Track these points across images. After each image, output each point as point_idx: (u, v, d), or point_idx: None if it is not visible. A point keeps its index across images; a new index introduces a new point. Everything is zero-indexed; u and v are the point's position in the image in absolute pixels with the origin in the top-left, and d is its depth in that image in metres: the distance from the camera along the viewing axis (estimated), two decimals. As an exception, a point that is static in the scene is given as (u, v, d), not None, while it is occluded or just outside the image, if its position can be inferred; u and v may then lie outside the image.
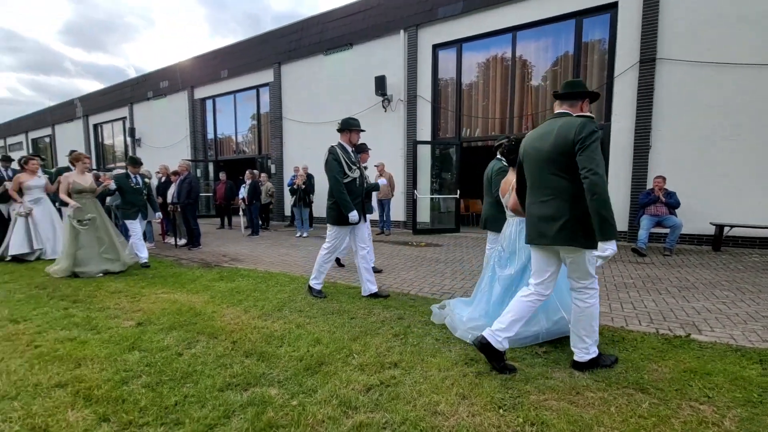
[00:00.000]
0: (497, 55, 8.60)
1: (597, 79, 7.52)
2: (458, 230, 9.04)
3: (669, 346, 2.64)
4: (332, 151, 3.68)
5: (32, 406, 1.94)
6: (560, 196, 2.17)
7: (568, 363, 2.40)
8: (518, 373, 2.27)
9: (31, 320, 3.22)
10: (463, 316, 2.92)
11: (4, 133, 24.89)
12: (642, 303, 3.64)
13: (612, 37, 7.22)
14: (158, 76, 15.17)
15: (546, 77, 8.18)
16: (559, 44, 7.94)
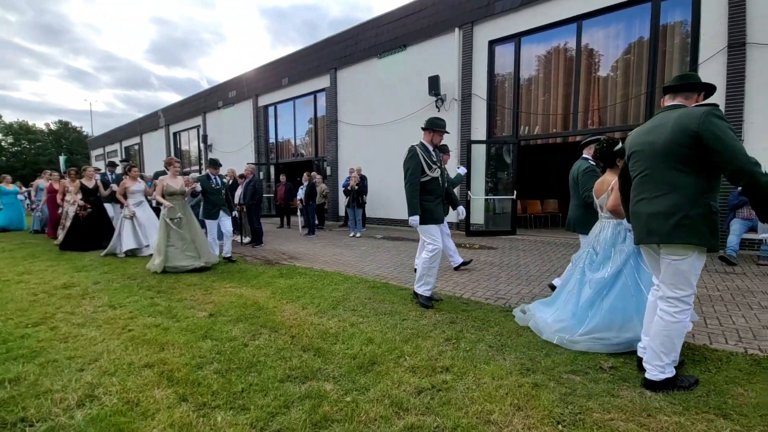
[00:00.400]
0: (559, 46, 8.10)
1: (678, 66, 6.76)
2: (514, 232, 8.67)
3: (758, 368, 2.32)
4: (412, 150, 3.60)
5: (127, 383, 2.23)
6: (678, 191, 1.99)
7: (639, 381, 2.20)
8: (580, 387, 2.14)
9: (125, 307, 3.69)
10: (546, 318, 2.90)
11: (103, 143, 28.75)
12: (729, 318, 3.22)
13: (695, 19, 6.45)
14: (227, 86, 16.50)
15: (617, 66, 7.54)
16: (632, 30, 7.27)
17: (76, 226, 6.98)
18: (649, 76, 7.04)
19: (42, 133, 53.92)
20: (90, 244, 6.91)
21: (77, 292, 4.22)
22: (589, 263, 2.90)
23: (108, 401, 2.05)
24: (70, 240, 7.00)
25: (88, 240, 6.95)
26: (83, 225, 6.98)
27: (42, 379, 2.30)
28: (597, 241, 2.91)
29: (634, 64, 7.31)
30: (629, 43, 7.35)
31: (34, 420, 1.90)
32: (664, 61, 6.91)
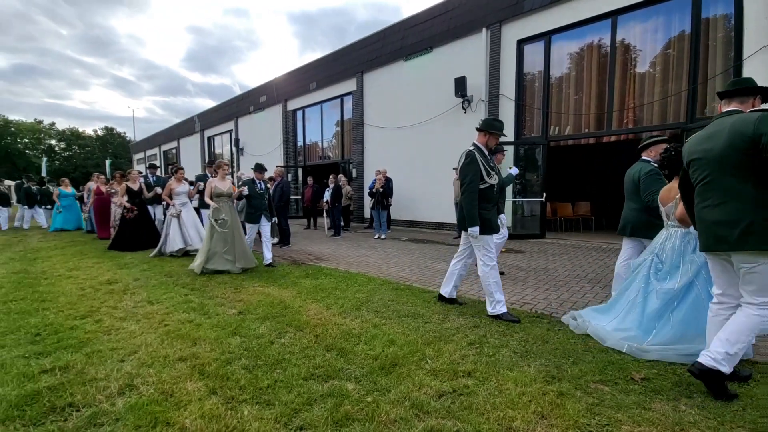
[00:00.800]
0: (593, 43, 7.81)
1: (721, 61, 6.36)
2: (543, 236, 8.42)
3: (812, 387, 2.14)
4: (470, 155, 3.33)
5: (162, 374, 2.37)
6: (739, 198, 1.98)
7: (672, 394, 2.10)
8: (609, 398, 2.06)
9: (161, 302, 3.91)
10: (604, 326, 2.87)
11: (144, 147, 30.49)
12: (781, 332, 2.99)
13: (738, 11, 6.04)
14: (258, 92, 17.07)
15: (655, 63, 7.18)
16: (672, 24, 6.91)
17: (124, 228, 7.32)
18: (691, 72, 6.66)
19: (90, 138, 57.88)
20: (136, 245, 7.20)
21: (119, 288, 4.51)
22: (654, 272, 2.82)
23: (145, 391, 2.19)
24: (117, 241, 7.33)
25: (134, 240, 7.26)
26: (130, 226, 7.28)
27: (88, 367, 2.48)
28: (662, 250, 2.83)
29: (674, 60, 6.93)
30: (668, 38, 6.99)
31: (80, 405, 2.06)
32: (707, 56, 6.51)
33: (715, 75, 6.43)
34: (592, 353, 2.62)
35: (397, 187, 10.25)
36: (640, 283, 2.88)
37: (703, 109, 6.60)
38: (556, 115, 8.36)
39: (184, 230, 6.71)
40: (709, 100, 6.55)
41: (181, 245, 6.63)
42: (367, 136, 12.17)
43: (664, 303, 2.68)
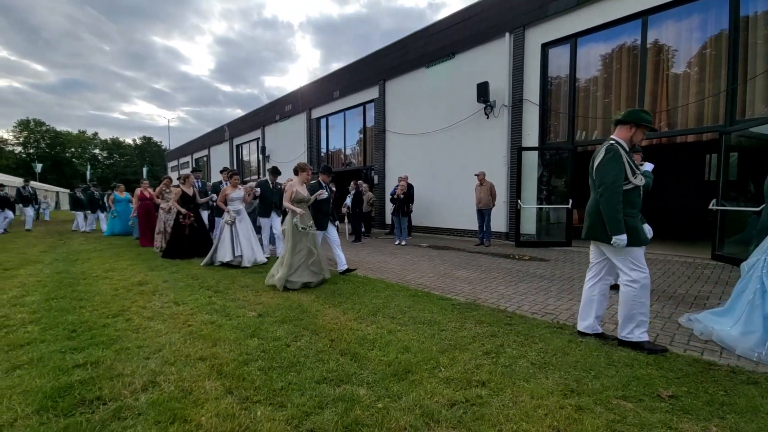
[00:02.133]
0: (622, 45, 7.55)
1: (763, 60, 5.98)
2: (569, 244, 8.13)
3: None
4: (612, 149, 2.75)
5: (183, 372, 2.46)
6: None
7: (702, 413, 1.96)
8: (631, 415, 1.96)
9: (186, 304, 4.06)
10: (729, 330, 2.84)
11: (177, 155, 31.98)
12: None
13: (786, 5, 5.67)
14: (283, 101, 17.58)
15: (690, 63, 6.84)
16: (707, 23, 6.58)
17: (179, 234, 7.02)
18: (729, 72, 6.30)
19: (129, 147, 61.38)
20: (191, 252, 6.94)
21: (149, 289, 4.73)
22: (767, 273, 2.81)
23: (167, 388, 2.28)
24: (172, 248, 7.03)
25: (190, 248, 6.98)
26: (185, 233, 6.98)
27: (116, 363, 2.61)
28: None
29: (711, 60, 6.58)
30: (704, 37, 6.66)
31: (107, 399, 2.17)
32: (746, 55, 6.14)
33: (756, 75, 6.05)
34: (616, 367, 2.50)
35: (419, 194, 10.22)
36: (755, 284, 2.83)
37: (743, 110, 6.22)
38: (583, 120, 8.11)
39: (235, 240, 6.22)
40: (749, 102, 6.17)
41: (230, 257, 6.13)
42: (388, 142, 12.24)
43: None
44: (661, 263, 6.12)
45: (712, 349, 2.80)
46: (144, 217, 9.01)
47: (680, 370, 2.45)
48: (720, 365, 2.53)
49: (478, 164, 9.03)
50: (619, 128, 2.88)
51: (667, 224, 10.72)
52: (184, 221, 6.98)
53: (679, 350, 2.78)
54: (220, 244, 6.21)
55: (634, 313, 2.77)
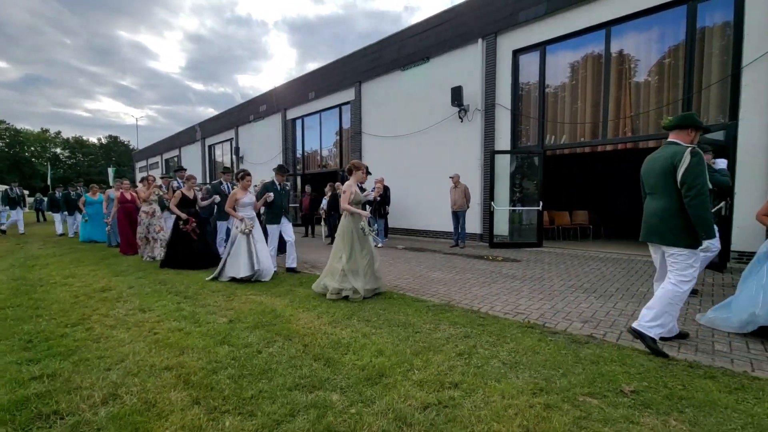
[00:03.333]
0: (587, 54, 7.88)
1: (719, 70, 6.39)
2: (541, 245, 8.39)
3: (813, 404, 2.10)
4: (697, 153, 2.69)
5: (147, 384, 2.35)
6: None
7: (662, 408, 2.06)
8: (596, 411, 2.03)
9: (153, 311, 3.89)
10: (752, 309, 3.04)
11: (146, 155, 30.70)
12: None
13: (738, 20, 6.10)
14: (258, 101, 17.24)
15: (650, 72, 7.23)
16: (666, 34, 6.97)
17: (184, 242, 6.23)
18: (686, 81, 6.70)
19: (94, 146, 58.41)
20: (194, 262, 6.16)
21: (113, 296, 4.50)
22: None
23: (128, 400, 2.17)
24: (171, 257, 6.26)
25: (193, 257, 6.20)
26: (186, 240, 6.22)
27: (74, 376, 2.47)
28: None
29: (670, 69, 6.98)
30: (663, 48, 7.05)
31: (64, 413, 2.06)
32: (702, 65, 6.55)
33: (710, 84, 6.47)
34: (583, 364, 2.59)
35: (395, 196, 10.26)
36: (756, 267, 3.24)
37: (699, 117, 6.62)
38: (552, 125, 8.40)
39: (254, 252, 5.27)
40: (704, 110, 6.58)
41: (247, 271, 5.16)
42: (365, 144, 12.24)
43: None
44: (624, 262, 6.42)
45: (670, 345, 2.95)
46: (126, 222, 8.15)
47: (642, 365, 2.57)
48: (679, 360, 2.67)
49: (453, 167, 9.17)
50: (677, 133, 2.90)
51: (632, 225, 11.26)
52: (186, 227, 6.17)
53: (640, 346, 2.91)
54: (233, 257, 5.25)
55: (666, 312, 2.82)
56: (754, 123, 5.89)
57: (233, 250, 5.30)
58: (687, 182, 2.71)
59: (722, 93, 6.38)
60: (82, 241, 10.37)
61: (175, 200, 6.29)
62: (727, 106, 6.29)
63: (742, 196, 5.87)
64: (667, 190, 2.85)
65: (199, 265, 6.13)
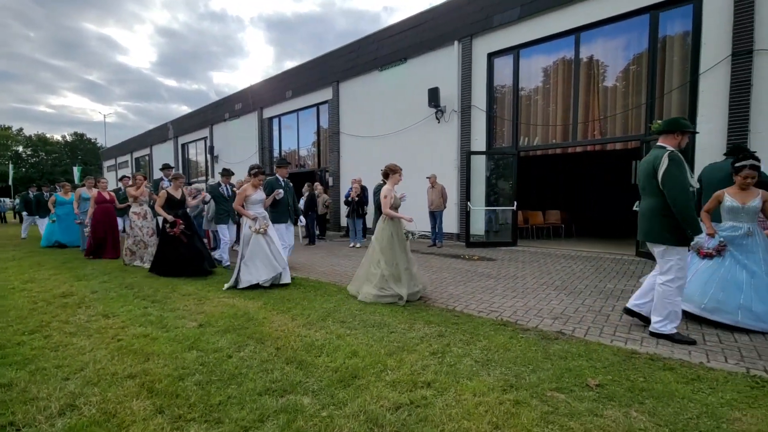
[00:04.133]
0: (558, 58, 8.13)
1: (679, 76, 6.73)
2: (515, 244, 8.59)
3: (760, 392, 2.22)
4: (676, 156, 2.88)
5: (108, 393, 2.24)
6: None
7: (624, 400, 2.14)
8: (563, 406, 2.09)
9: (117, 316, 3.72)
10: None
11: (115, 154, 29.42)
12: (731, 335, 3.13)
13: (696, 29, 6.43)
14: (233, 99, 16.84)
15: (616, 77, 7.53)
16: (631, 41, 7.28)
17: (173, 246, 5.62)
18: (649, 87, 7.01)
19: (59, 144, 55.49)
20: (184, 268, 5.58)
21: (74, 301, 4.28)
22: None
23: (87, 411, 2.06)
24: (160, 262, 5.72)
25: (182, 262, 5.59)
26: (178, 244, 5.63)
27: (30, 386, 2.34)
28: None
29: (634, 75, 7.29)
30: (628, 54, 7.36)
31: (20, 425, 1.95)
32: (664, 72, 6.88)
33: (671, 90, 6.80)
34: (552, 360, 2.66)
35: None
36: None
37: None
38: (526, 126, 8.61)
39: (274, 253, 4.88)
40: (665, 114, 6.91)
41: (269, 274, 4.80)
42: (343, 144, 12.17)
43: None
44: (594, 260, 6.66)
45: (633, 339, 3.08)
46: (104, 223, 7.41)
47: (606, 359, 2.67)
48: (640, 353, 2.78)
49: (430, 167, 9.25)
50: (664, 137, 3.07)
51: (598, 224, 11.71)
52: (173, 231, 5.58)
53: (606, 341, 3.02)
54: (249, 260, 4.78)
55: (669, 311, 2.99)
56: (711, 127, 6.23)
57: (248, 252, 4.79)
58: (666, 184, 2.92)
59: (682, 98, 6.72)
60: (44, 246, 9.21)
61: (160, 201, 5.70)
62: (686, 110, 6.63)
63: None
64: (653, 191, 3.05)
65: (191, 271, 5.57)
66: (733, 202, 3.44)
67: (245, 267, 4.78)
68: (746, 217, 3.41)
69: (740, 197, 3.43)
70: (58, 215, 9.16)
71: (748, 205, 3.38)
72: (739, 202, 3.42)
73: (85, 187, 8.28)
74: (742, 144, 5.92)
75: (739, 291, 3.21)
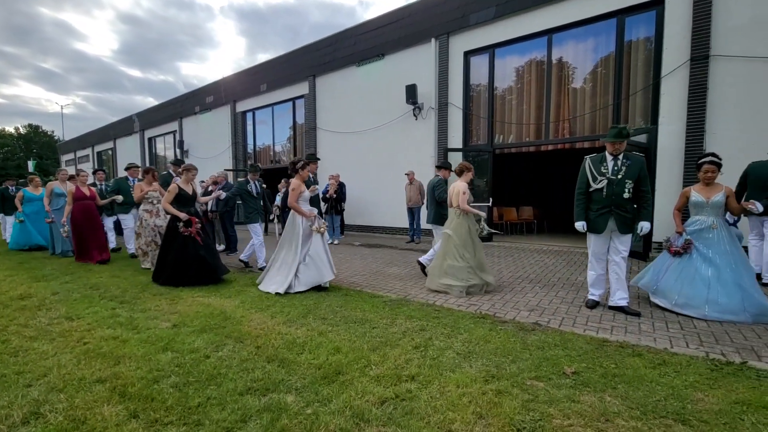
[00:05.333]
0: (532, 59, 8.35)
1: (643, 79, 7.07)
2: (490, 239, 8.77)
3: (719, 374, 2.39)
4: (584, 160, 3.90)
5: (75, 399, 2.12)
6: None
7: (598, 386, 2.24)
8: (542, 393, 2.16)
9: (82, 318, 3.52)
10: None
11: (74, 147, 27.68)
12: (691, 323, 3.34)
13: (658, 34, 6.78)
14: (204, 91, 16.22)
15: (585, 79, 7.82)
16: (600, 45, 7.58)
17: (182, 251, 4.81)
18: (615, 89, 7.34)
19: (11, 137, 51.60)
20: (202, 274, 4.85)
21: (33, 304, 4.01)
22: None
23: (53, 419, 1.94)
24: (171, 269, 4.82)
25: (200, 268, 4.84)
26: (195, 246, 4.86)
27: (-14, 396, 2.16)
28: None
29: (602, 77, 7.60)
30: (596, 56, 7.65)
31: (-27, 440, 1.79)
32: (629, 74, 7.22)
33: (636, 92, 7.15)
34: (530, 350, 2.75)
35: (351, 192, 10.18)
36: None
37: (626, 122, 7.29)
38: (500, 124, 8.80)
39: (329, 253, 4.67)
40: (630, 115, 7.26)
41: (333, 273, 4.59)
42: (320, 140, 12.01)
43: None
44: (565, 254, 6.92)
45: (604, 328, 3.23)
46: (84, 223, 6.52)
47: (580, 348, 2.78)
48: (611, 341, 2.92)
49: (408, 163, 9.29)
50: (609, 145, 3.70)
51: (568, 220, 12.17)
52: (189, 230, 4.82)
53: (579, 331, 3.15)
54: (311, 262, 4.45)
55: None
56: (671, 128, 6.60)
57: (311, 252, 4.48)
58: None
59: (645, 100, 7.08)
60: (13, 249, 7.97)
61: (169, 196, 4.92)
62: (649, 112, 6.99)
63: (661, 192, 6.56)
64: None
65: (206, 278, 4.86)
66: (698, 198, 3.66)
67: (306, 267, 4.45)
68: (711, 212, 3.63)
69: (705, 192, 3.65)
70: (26, 214, 7.92)
71: (712, 200, 3.60)
72: (704, 197, 3.64)
73: (58, 181, 7.31)
74: (698, 144, 6.32)
75: (706, 286, 3.42)
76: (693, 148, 6.37)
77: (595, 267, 3.82)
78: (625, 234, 3.59)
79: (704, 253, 3.57)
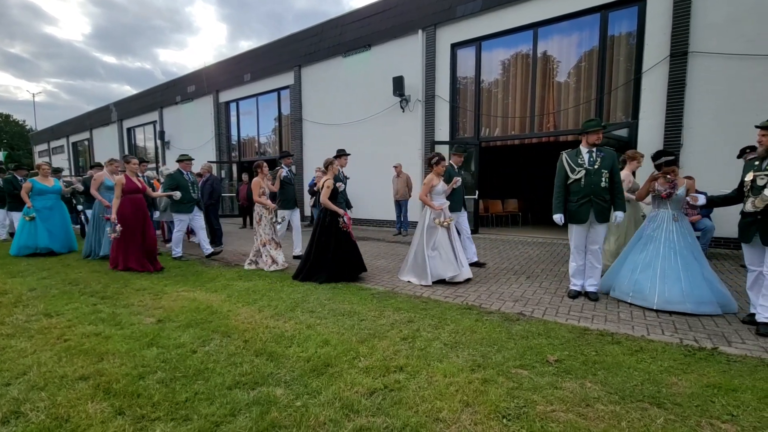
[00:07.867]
0: (517, 52, 8.41)
1: (624, 74, 7.22)
2: (476, 231, 8.90)
3: (692, 359, 2.51)
4: (561, 155, 4.00)
5: (57, 397, 2.07)
6: None
7: (579, 373, 2.32)
8: (526, 381, 2.22)
9: (62, 315, 3.42)
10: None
11: (48, 137, 26.58)
12: (666, 311, 3.47)
13: (640, 30, 6.91)
14: (185, 80, 15.76)
15: (571, 73, 7.93)
16: (584, 39, 7.68)
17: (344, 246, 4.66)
18: (599, 83, 7.47)
19: (-24, 125, 49.08)
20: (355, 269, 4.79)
21: (9, 300, 3.88)
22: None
23: (35, 417, 1.90)
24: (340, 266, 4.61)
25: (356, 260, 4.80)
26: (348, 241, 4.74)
27: (-39, 396, 2.09)
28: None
29: (586, 71, 7.71)
30: (580, 51, 7.76)
31: (-52, 442, 1.74)
32: (612, 69, 7.35)
33: (618, 87, 7.29)
34: (515, 340, 2.82)
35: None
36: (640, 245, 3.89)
37: (608, 116, 7.45)
38: (487, 117, 8.87)
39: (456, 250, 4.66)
40: (612, 109, 7.41)
41: (455, 270, 4.45)
42: (306, 132, 11.86)
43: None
44: (548, 245, 7.08)
45: (585, 317, 3.33)
46: (136, 223, 5.28)
47: (563, 336, 2.87)
48: (592, 330, 3.02)
49: (395, 156, 9.28)
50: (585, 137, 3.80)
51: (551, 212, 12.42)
52: (345, 225, 4.66)
53: (561, 320, 3.25)
54: (437, 255, 4.46)
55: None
56: (651, 122, 6.78)
57: (436, 244, 4.49)
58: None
59: (626, 95, 7.24)
60: (15, 255, 6.29)
61: (327, 192, 4.63)
62: (630, 107, 7.15)
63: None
64: None
65: (356, 273, 4.79)
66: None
67: (431, 260, 4.47)
68: (673, 205, 3.75)
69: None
70: (37, 209, 6.40)
71: (675, 194, 3.72)
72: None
73: (105, 171, 6.32)
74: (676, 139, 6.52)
75: (678, 280, 3.50)
76: (671, 142, 6.56)
77: (577, 258, 3.95)
78: (602, 224, 3.80)
79: (672, 246, 3.66)
